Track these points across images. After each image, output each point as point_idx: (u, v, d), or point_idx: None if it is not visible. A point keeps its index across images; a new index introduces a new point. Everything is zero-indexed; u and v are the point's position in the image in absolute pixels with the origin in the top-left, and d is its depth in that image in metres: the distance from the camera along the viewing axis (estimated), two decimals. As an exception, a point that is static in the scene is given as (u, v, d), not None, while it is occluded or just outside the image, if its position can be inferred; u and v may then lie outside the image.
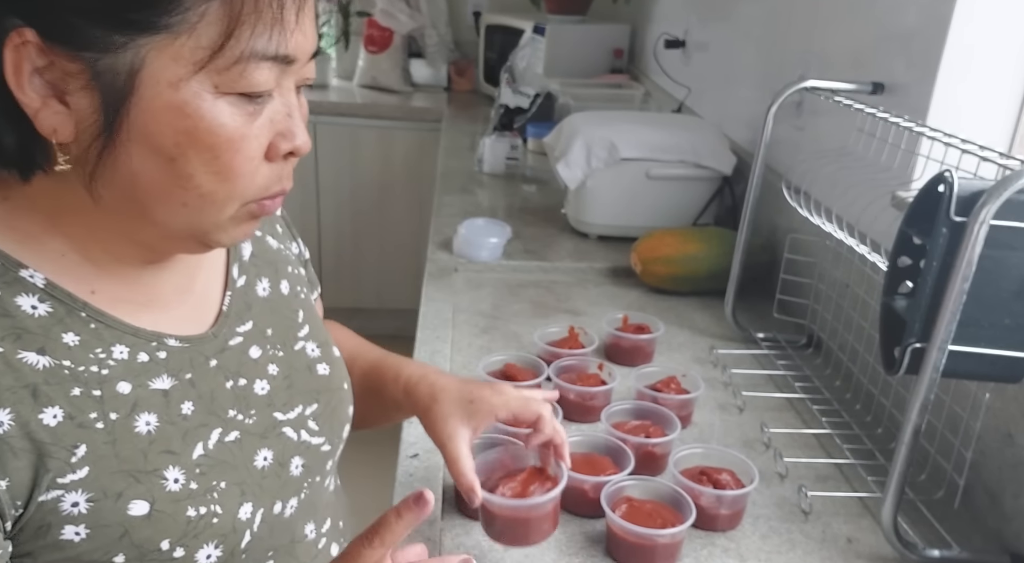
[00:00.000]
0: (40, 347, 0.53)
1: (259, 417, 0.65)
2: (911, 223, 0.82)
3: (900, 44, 1.16)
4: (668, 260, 1.46)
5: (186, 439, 0.58)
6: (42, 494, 0.51)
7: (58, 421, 0.52)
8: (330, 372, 0.74)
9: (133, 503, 0.54)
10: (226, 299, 0.67)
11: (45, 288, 0.54)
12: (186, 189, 0.53)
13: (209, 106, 0.51)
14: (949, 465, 0.92)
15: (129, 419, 0.55)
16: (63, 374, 0.53)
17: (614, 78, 2.81)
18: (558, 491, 0.78)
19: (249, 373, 0.66)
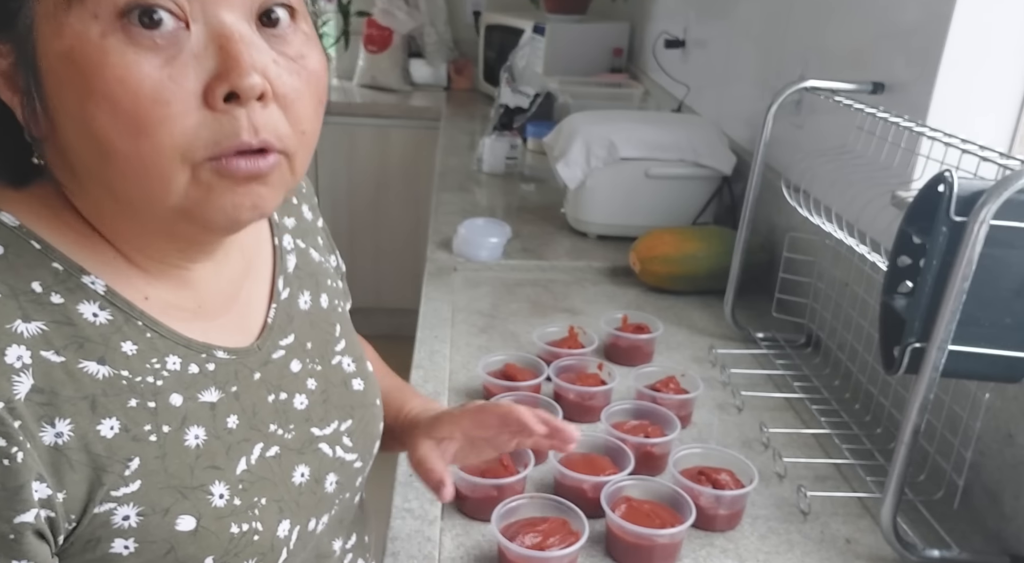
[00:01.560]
0: (100, 356, 0.51)
1: (297, 432, 0.63)
2: (911, 222, 0.82)
3: (900, 43, 1.16)
4: (667, 259, 1.46)
5: (230, 454, 0.57)
6: (96, 507, 0.49)
7: (115, 433, 0.50)
8: (364, 388, 0.72)
9: (180, 518, 0.52)
10: (271, 311, 0.65)
11: (105, 295, 0.52)
12: (110, 156, 0.46)
13: (94, 48, 0.44)
14: (949, 465, 0.92)
15: (179, 432, 0.54)
16: (121, 384, 0.51)
17: (613, 77, 2.81)
18: (578, 546, 0.78)
19: (289, 387, 0.64)
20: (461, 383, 1.15)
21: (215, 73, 0.46)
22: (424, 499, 0.89)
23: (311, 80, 0.51)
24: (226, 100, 0.46)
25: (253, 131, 0.48)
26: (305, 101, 0.51)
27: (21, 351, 0.47)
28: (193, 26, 0.46)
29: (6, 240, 0.49)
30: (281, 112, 0.49)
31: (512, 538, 0.78)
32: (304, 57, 0.51)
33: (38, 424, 0.47)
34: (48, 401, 0.47)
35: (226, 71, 0.46)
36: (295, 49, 0.50)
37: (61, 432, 0.47)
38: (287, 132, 0.50)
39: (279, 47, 0.49)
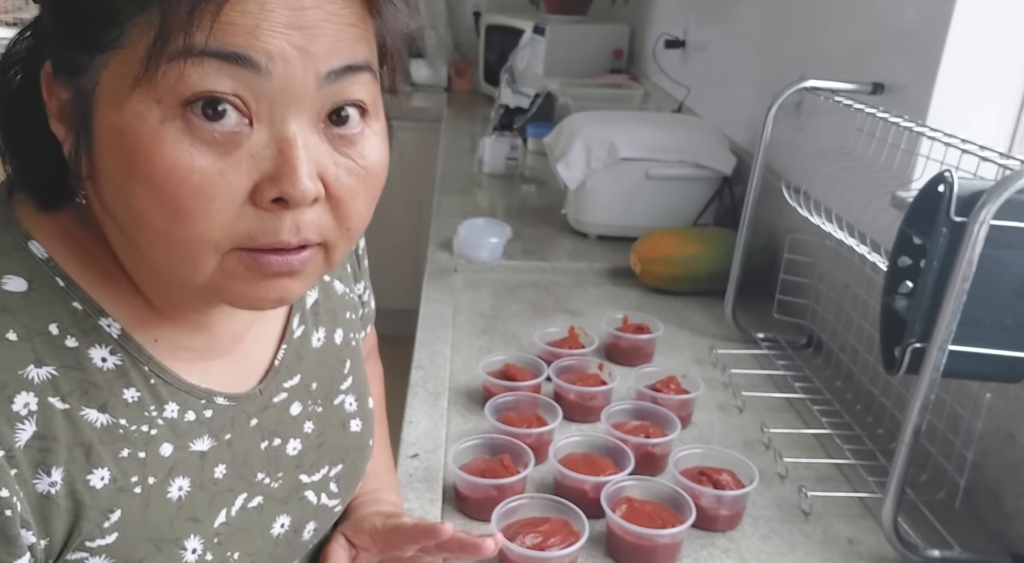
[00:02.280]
0: (102, 404, 0.50)
1: (285, 480, 0.62)
2: (911, 223, 0.82)
3: (900, 44, 1.16)
4: (668, 260, 1.46)
5: (212, 506, 0.56)
6: (69, 554, 0.49)
7: (103, 484, 0.49)
8: (361, 429, 0.70)
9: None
10: (280, 352, 0.62)
11: (119, 339, 0.51)
12: (143, 227, 0.46)
13: (150, 130, 0.43)
14: (950, 465, 0.92)
15: (164, 484, 0.53)
16: (117, 433, 0.50)
17: (614, 78, 2.81)
18: (578, 546, 0.78)
19: (285, 432, 0.62)
20: (461, 383, 1.15)
21: (268, 174, 0.45)
22: (424, 499, 0.89)
23: (368, 179, 0.50)
24: (274, 202, 0.46)
25: (295, 230, 0.47)
26: (359, 201, 0.50)
27: (29, 398, 0.46)
28: (256, 125, 0.45)
29: (32, 274, 0.49)
30: (330, 211, 0.48)
31: (512, 538, 0.78)
32: (365, 156, 0.49)
33: (33, 472, 0.46)
34: (47, 447, 0.47)
35: (279, 177, 0.45)
36: (359, 149, 0.49)
37: (55, 481, 0.47)
38: (331, 227, 0.49)
39: (343, 148, 0.48)
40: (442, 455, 0.97)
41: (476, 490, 0.87)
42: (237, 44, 0.42)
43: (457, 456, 0.90)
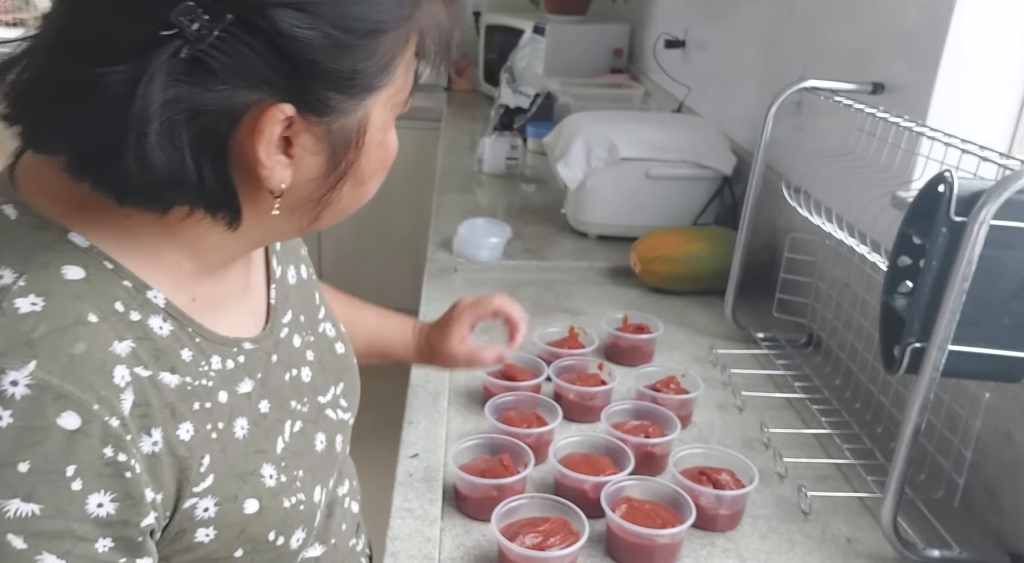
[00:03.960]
0: (171, 366, 0.54)
1: (309, 404, 0.69)
2: (911, 223, 0.82)
3: (900, 44, 1.16)
4: (668, 259, 1.46)
5: (268, 437, 0.62)
6: (183, 503, 0.54)
7: (190, 435, 0.55)
8: (345, 350, 0.78)
9: (247, 502, 0.58)
10: (272, 292, 0.69)
11: (165, 307, 0.56)
12: (359, 203, 0.60)
13: (391, 135, 0.59)
14: (949, 464, 0.92)
15: (229, 426, 0.58)
16: (187, 390, 0.55)
17: (614, 78, 2.81)
18: (578, 546, 0.78)
19: (297, 362, 0.69)
20: (461, 383, 1.15)
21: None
22: (424, 499, 0.89)
23: None
24: None
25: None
26: None
27: (123, 370, 0.50)
28: None
29: (84, 262, 0.52)
30: None
31: (512, 538, 0.78)
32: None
33: (139, 435, 0.51)
34: (145, 413, 0.51)
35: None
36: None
37: (157, 441, 0.52)
38: None
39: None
40: (442, 455, 0.97)
41: (476, 490, 0.87)
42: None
43: (457, 456, 0.90)
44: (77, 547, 0.48)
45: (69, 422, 0.47)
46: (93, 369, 0.49)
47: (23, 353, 0.47)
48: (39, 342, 0.47)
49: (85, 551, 0.48)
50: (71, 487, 0.47)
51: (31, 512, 0.46)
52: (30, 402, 0.46)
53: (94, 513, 0.48)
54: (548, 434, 0.97)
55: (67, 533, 0.47)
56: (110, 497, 0.49)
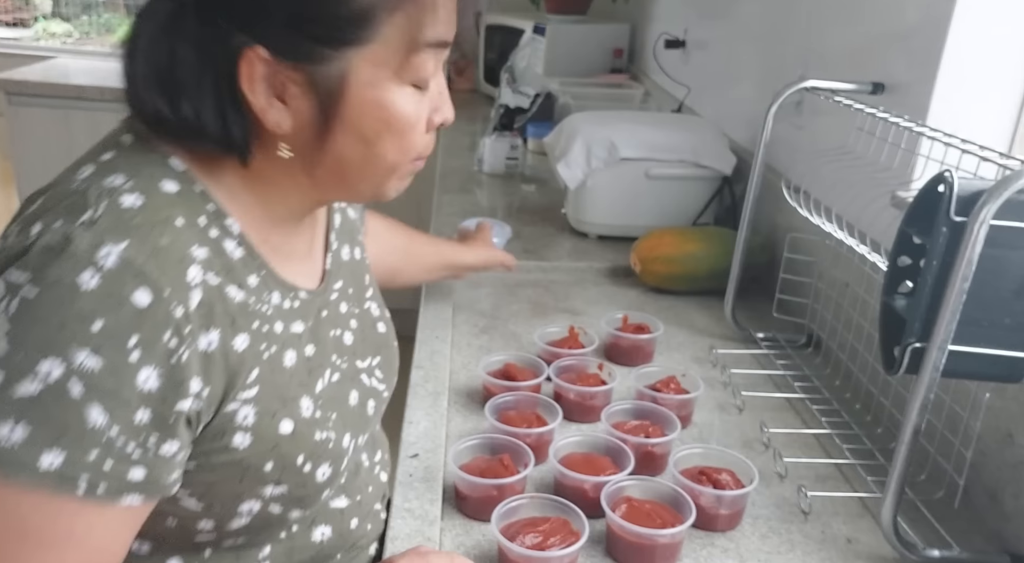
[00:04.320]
0: (239, 283, 0.64)
1: (348, 363, 0.78)
2: (911, 223, 0.82)
3: (900, 44, 1.16)
4: (668, 259, 1.46)
5: (311, 376, 0.71)
6: (227, 406, 0.62)
7: (244, 346, 0.63)
8: (386, 330, 0.88)
9: (283, 422, 0.66)
10: (328, 259, 0.79)
11: (239, 236, 0.65)
12: (378, 163, 0.66)
13: (396, 97, 0.63)
14: (949, 465, 0.92)
15: (280, 354, 0.67)
16: (248, 309, 0.64)
17: (614, 78, 2.81)
18: (578, 546, 0.78)
19: (342, 324, 0.79)
20: (462, 383, 1.15)
21: (436, 108, 0.68)
22: (424, 499, 0.89)
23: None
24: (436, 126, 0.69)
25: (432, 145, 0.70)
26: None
27: (196, 271, 0.59)
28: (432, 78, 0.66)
29: (179, 181, 0.62)
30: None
31: (512, 538, 0.78)
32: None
33: (198, 331, 0.58)
34: (207, 313, 0.59)
35: (443, 109, 0.69)
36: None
37: (212, 341, 0.60)
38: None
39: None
40: (442, 455, 0.97)
41: (476, 490, 0.87)
42: (443, 33, 0.64)
43: (457, 456, 0.90)
44: (119, 409, 0.55)
45: (141, 299, 0.55)
46: (173, 261, 0.57)
47: (120, 234, 0.56)
48: (134, 229, 0.57)
49: (125, 415, 0.55)
50: (130, 356, 0.55)
51: (94, 366, 0.53)
52: (115, 273, 0.54)
53: (141, 385, 0.55)
54: (548, 434, 0.97)
55: (116, 394, 0.54)
56: (157, 374, 0.56)
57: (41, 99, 3.02)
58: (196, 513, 0.66)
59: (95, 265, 0.54)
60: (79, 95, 3.02)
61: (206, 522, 0.67)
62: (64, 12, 4.43)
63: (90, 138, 0.70)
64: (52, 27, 4.35)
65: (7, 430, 0.52)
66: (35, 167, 3.08)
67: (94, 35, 4.41)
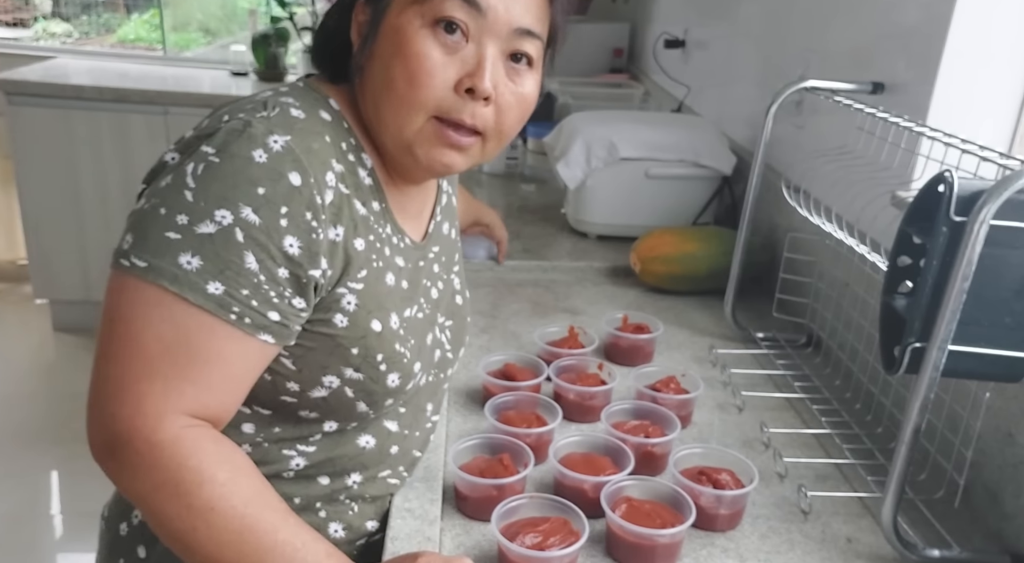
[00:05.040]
0: (364, 201, 0.77)
1: (430, 312, 0.89)
2: (911, 222, 0.82)
3: (900, 43, 1.16)
4: (667, 259, 1.46)
5: (402, 302, 0.82)
6: (339, 287, 0.74)
7: (362, 248, 0.76)
8: (462, 304, 0.98)
9: (374, 320, 0.77)
10: (431, 226, 0.91)
11: (371, 170, 0.79)
12: (391, 90, 0.74)
13: (413, 31, 0.73)
14: (949, 465, 0.92)
15: (383, 271, 0.79)
16: (368, 224, 0.77)
17: (614, 77, 2.81)
18: (578, 546, 0.78)
19: (432, 279, 0.90)
20: (461, 383, 1.15)
21: (469, 73, 0.74)
22: (424, 499, 0.89)
23: (523, 102, 0.78)
24: (467, 91, 0.74)
25: (472, 115, 0.75)
26: (513, 113, 0.78)
27: (332, 177, 0.72)
28: (471, 42, 0.74)
29: (332, 114, 0.78)
30: (495, 113, 0.76)
31: (512, 538, 0.78)
32: (524, 86, 0.78)
33: (330, 222, 0.72)
34: (337, 212, 0.72)
35: (475, 75, 0.74)
36: (521, 80, 0.77)
37: (339, 234, 0.73)
38: (492, 125, 0.77)
39: (512, 76, 0.77)
40: (442, 455, 0.97)
41: (476, 490, 0.87)
42: None
43: (457, 456, 0.90)
44: (267, 262, 0.68)
45: (295, 179, 0.69)
46: (320, 161, 0.71)
47: (286, 129, 0.71)
48: (297, 130, 0.71)
49: (271, 267, 0.68)
50: (281, 221, 0.68)
51: (254, 221, 0.67)
52: (280, 155, 0.69)
53: (287, 248, 0.69)
54: (548, 434, 0.97)
55: (267, 247, 0.68)
56: (299, 243, 0.69)
57: (41, 99, 3.02)
58: (289, 373, 0.76)
59: (265, 146, 0.69)
60: (79, 95, 3.02)
61: (293, 384, 0.77)
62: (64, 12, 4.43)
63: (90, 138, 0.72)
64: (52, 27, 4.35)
65: (186, 259, 0.66)
66: (35, 167, 3.08)
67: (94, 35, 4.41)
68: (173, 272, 0.66)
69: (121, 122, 3.04)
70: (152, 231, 0.67)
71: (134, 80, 3.18)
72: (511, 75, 0.76)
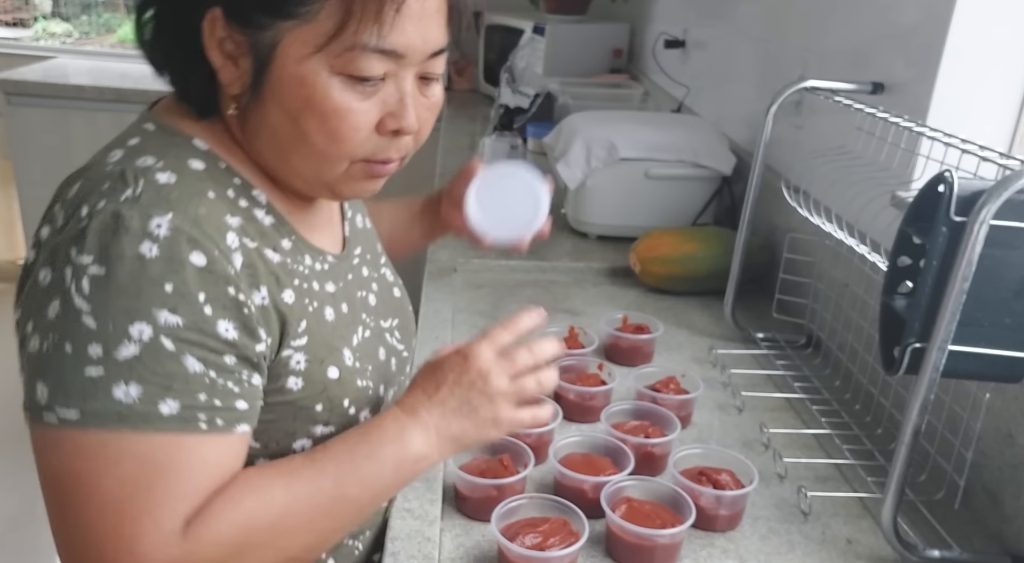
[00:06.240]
0: (274, 246, 0.71)
1: (374, 322, 0.84)
2: (911, 223, 0.82)
3: (900, 43, 1.16)
4: (667, 260, 1.46)
5: (347, 330, 0.77)
6: (284, 351, 0.69)
7: (292, 300, 0.70)
8: (401, 295, 0.94)
9: (330, 368, 0.73)
10: (346, 227, 0.86)
11: (267, 205, 0.72)
12: (306, 144, 0.68)
13: (323, 81, 0.65)
14: (949, 466, 0.92)
15: (321, 309, 0.74)
16: (287, 268, 0.71)
17: (613, 78, 2.81)
18: (578, 546, 0.78)
19: (365, 287, 0.85)
20: (461, 383, 1.15)
21: (392, 113, 0.69)
22: (424, 499, 0.89)
23: (435, 111, 0.75)
24: (392, 132, 0.70)
25: (397, 151, 0.73)
26: (429, 125, 0.74)
27: (234, 237, 0.66)
28: (388, 80, 0.68)
29: (204, 159, 0.69)
30: (413, 137, 0.73)
31: (512, 538, 0.77)
32: (435, 94, 0.74)
33: (250, 289, 0.65)
34: (252, 273, 0.66)
35: (400, 116, 0.70)
36: (432, 90, 0.73)
37: (264, 296, 0.67)
38: (411, 148, 0.75)
39: (424, 91, 0.72)
40: (442, 455, 0.96)
41: (476, 490, 0.87)
42: (393, 42, 0.66)
43: (457, 456, 0.90)
44: (211, 357, 0.62)
45: (198, 259, 0.62)
46: (213, 227, 0.64)
47: (163, 207, 0.62)
48: (174, 202, 0.63)
49: (217, 360, 0.63)
50: (204, 310, 0.62)
51: (176, 323, 0.60)
52: (171, 241, 0.61)
53: (222, 334, 0.63)
54: (548, 434, 0.97)
55: (203, 343, 0.62)
56: (233, 324, 0.63)
57: (40, 99, 3.02)
58: (255, 451, 0.72)
59: (151, 236, 0.60)
60: (78, 95, 3.02)
61: (263, 459, 0.73)
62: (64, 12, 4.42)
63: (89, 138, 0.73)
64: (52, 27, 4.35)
65: (122, 391, 0.59)
66: (34, 167, 3.08)
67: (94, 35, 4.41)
68: (114, 411, 0.58)
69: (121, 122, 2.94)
70: (67, 374, 0.59)
71: (134, 80, 3.18)
72: (424, 91, 0.72)
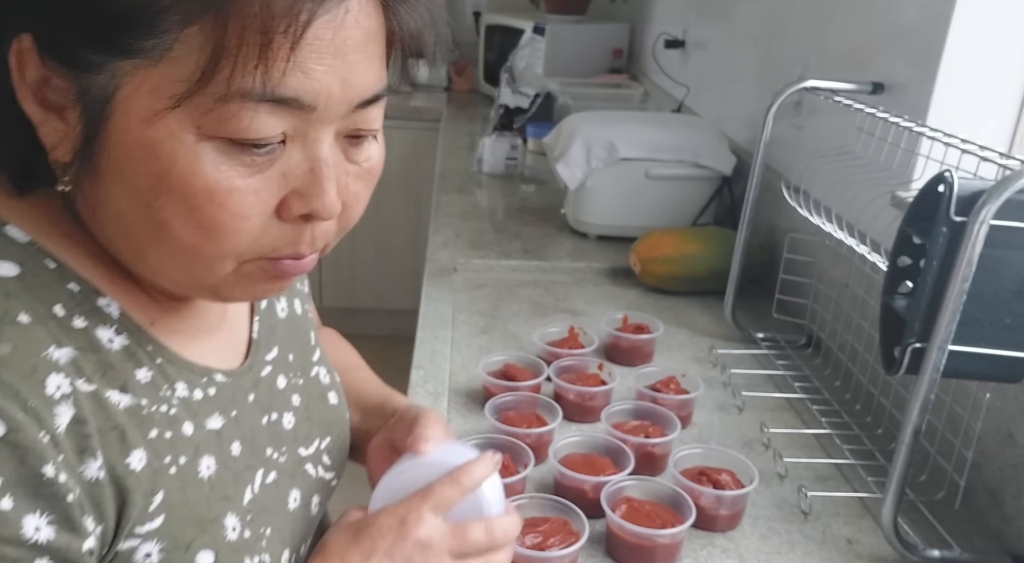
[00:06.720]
0: (122, 384, 0.49)
1: (288, 455, 0.63)
2: (911, 223, 0.82)
3: (900, 43, 1.16)
4: (667, 260, 1.46)
5: (237, 483, 0.56)
6: (122, 543, 0.48)
7: (142, 465, 0.48)
8: (338, 402, 0.72)
9: (200, 554, 0.51)
10: (255, 325, 0.64)
11: (119, 319, 0.50)
12: (167, 238, 0.46)
13: (187, 150, 0.43)
14: (950, 465, 0.92)
15: (194, 463, 0.52)
16: (142, 414, 0.49)
17: (613, 78, 2.81)
18: (578, 546, 0.78)
19: (279, 406, 0.63)
20: (461, 383, 1.15)
21: (299, 191, 0.47)
22: (424, 500, 0.89)
23: (371, 179, 0.53)
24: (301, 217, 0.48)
25: (311, 242, 0.50)
26: (361, 202, 0.53)
27: (60, 379, 0.45)
28: (290, 143, 0.46)
29: (20, 258, 0.47)
30: (337, 218, 0.51)
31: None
32: (371, 158, 0.52)
33: (80, 457, 0.45)
34: (85, 432, 0.45)
35: (310, 195, 0.47)
36: (365, 153, 0.52)
37: (99, 464, 0.46)
38: (334, 233, 0.52)
39: (353, 155, 0.51)
40: (442, 455, 0.96)
41: (476, 490, 0.87)
42: (292, 88, 0.44)
43: (457, 456, 0.90)
44: None
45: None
46: (21, 374, 0.43)
47: None
48: None
49: None
50: (2, 504, 0.41)
51: None
52: None
53: (31, 537, 0.42)
54: (548, 434, 0.97)
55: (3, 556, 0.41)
56: (47, 520, 0.43)
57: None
58: None
59: None
60: None
61: None
62: (63, 12, 4.44)
63: None
64: (51, 27, 4.35)
65: None
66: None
67: (93, 35, 4.42)
68: None
69: None
70: None
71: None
72: (352, 156, 0.51)
